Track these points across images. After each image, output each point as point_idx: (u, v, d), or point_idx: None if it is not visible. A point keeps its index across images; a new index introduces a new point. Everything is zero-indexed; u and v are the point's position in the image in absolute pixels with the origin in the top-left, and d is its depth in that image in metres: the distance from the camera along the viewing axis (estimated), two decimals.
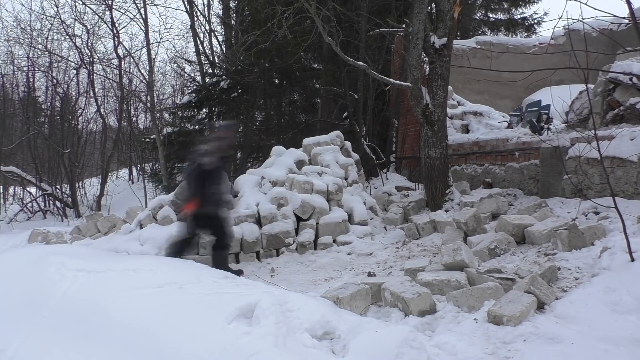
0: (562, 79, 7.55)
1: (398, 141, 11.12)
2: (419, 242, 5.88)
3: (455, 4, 6.89)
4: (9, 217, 13.04)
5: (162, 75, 20.55)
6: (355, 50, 10.38)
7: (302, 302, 3.03)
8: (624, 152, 4.98)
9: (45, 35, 14.81)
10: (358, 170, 7.78)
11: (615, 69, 6.51)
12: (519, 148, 6.79)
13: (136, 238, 6.47)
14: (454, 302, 3.41)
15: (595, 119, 6.20)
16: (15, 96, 16.75)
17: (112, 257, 4.27)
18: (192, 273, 3.50)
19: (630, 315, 2.87)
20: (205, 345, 2.51)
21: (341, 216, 6.47)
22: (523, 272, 3.71)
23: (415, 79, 6.83)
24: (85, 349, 2.66)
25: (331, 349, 2.72)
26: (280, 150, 7.64)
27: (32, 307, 3.12)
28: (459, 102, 9.87)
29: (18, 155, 15.95)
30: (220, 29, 15.02)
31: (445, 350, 2.79)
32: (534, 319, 3.00)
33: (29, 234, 8.20)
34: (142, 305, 2.95)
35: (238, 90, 11.64)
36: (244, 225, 6.13)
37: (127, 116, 16.79)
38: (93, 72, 14.83)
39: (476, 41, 11.50)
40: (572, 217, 4.95)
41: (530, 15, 16.58)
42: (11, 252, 5.00)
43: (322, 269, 5.43)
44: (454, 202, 6.81)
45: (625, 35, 7.98)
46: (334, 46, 7.41)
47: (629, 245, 3.38)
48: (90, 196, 15.43)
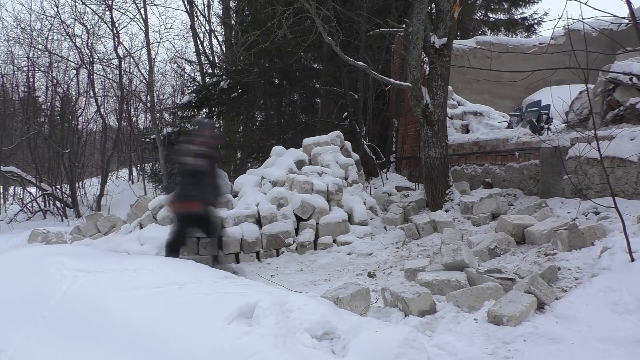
0: (562, 79, 7.54)
1: (398, 141, 11.12)
2: (419, 242, 5.88)
3: (455, 4, 6.89)
4: (9, 217, 13.04)
5: (162, 75, 20.57)
6: (355, 50, 10.37)
7: (302, 302, 3.03)
8: (624, 152, 4.98)
9: (45, 35, 14.82)
10: (358, 170, 7.78)
11: (615, 69, 6.51)
12: (519, 148, 6.79)
13: (136, 238, 6.47)
14: (454, 302, 3.41)
15: (595, 119, 6.21)
16: (15, 96, 16.75)
17: (112, 257, 4.27)
18: (192, 273, 3.50)
19: (630, 315, 2.87)
20: (205, 345, 2.51)
21: (341, 216, 6.47)
22: (523, 272, 3.72)
23: (415, 79, 6.83)
24: (85, 349, 2.66)
25: (331, 349, 2.72)
26: (280, 150, 7.64)
27: (32, 307, 3.12)
28: (459, 102, 9.87)
29: (18, 155, 15.95)
30: (220, 29, 15.02)
31: (445, 350, 2.79)
32: (534, 319, 3.00)
33: (29, 234, 8.20)
34: (142, 305, 2.95)
35: (238, 90, 11.63)
36: (244, 225, 6.13)
37: (127, 116, 16.81)
38: (93, 72, 14.84)
39: (476, 41, 11.50)
40: (572, 217, 4.95)
41: (530, 15, 16.60)
42: (11, 252, 4.99)
43: (322, 269, 5.42)
44: (454, 202, 6.81)
45: (625, 35, 7.98)
46: (334, 46, 7.41)
47: (629, 245, 3.38)
48: (90, 196, 15.43)
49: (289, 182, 6.75)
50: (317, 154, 7.41)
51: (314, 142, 7.68)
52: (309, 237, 6.19)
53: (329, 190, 6.66)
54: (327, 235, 6.28)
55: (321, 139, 7.74)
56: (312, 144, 7.66)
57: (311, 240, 6.19)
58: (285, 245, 6.09)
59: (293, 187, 6.63)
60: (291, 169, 7.07)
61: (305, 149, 7.65)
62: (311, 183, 6.59)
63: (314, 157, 7.41)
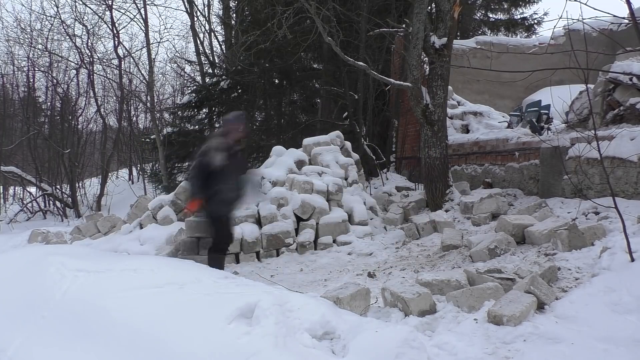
0: (562, 79, 7.55)
1: (398, 141, 11.11)
2: (419, 242, 5.88)
3: (455, 4, 6.89)
4: (9, 217, 13.05)
5: (162, 75, 20.58)
6: (355, 50, 10.37)
7: (302, 302, 3.02)
8: (624, 152, 4.98)
9: (45, 35, 14.83)
10: (358, 170, 7.78)
11: (615, 69, 6.51)
12: (519, 148, 6.79)
13: (136, 238, 6.47)
14: (454, 302, 3.41)
15: (595, 119, 6.20)
16: (15, 96, 16.76)
17: (112, 257, 4.26)
18: (192, 273, 3.49)
19: (630, 315, 2.87)
20: (205, 345, 2.51)
21: (341, 216, 6.47)
22: (523, 272, 3.71)
23: (415, 79, 6.83)
24: (85, 349, 2.66)
25: (331, 349, 2.72)
26: (280, 150, 7.64)
27: (32, 307, 3.11)
28: (459, 102, 9.86)
29: (18, 155, 15.96)
30: (220, 29, 15.03)
31: (445, 350, 2.79)
32: (534, 319, 3.00)
33: (29, 234, 8.21)
34: (142, 305, 2.94)
35: (238, 91, 11.64)
36: (244, 225, 6.13)
37: (127, 116, 16.82)
38: (93, 72, 14.86)
39: (476, 41, 11.50)
40: (572, 217, 4.94)
41: (530, 15, 16.59)
42: (11, 252, 4.99)
43: (322, 269, 5.42)
44: (454, 202, 6.81)
45: (625, 35, 7.98)
46: (334, 46, 7.40)
47: (629, 245, 3.38)
48: (90, 196, 15.44)
49: (289, 182, 6.75)
50: (317, 154, 7.41)
51: (314, 142, 7.68)
52: (309, 237, 6.19)
53: (329, 190, 6.66)
54: (327, 235, 6.28)
55: (321, 139, 7.74)
56: (312, 144, 7.66)
57: (311, 240, 6.19)
58: (285, 245, 6.09)
59: (293, 187, 6.63)
60: (291, 169, 7.07)
61: (305, 149, 7.65)
62: (311, 183, 6.59)
63: (314, 157, 7.41)
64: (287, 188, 6.66)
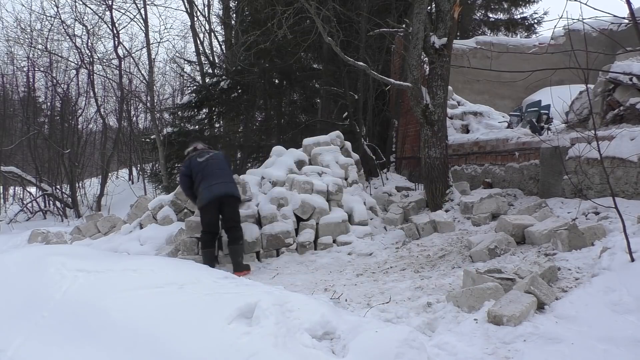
0: (562, 79, 7.55)
1: (398, 141, 11.11)
2: (419, 242, 5.88)
3: (455, 4, 6.89)
4: (9, 217, 13.06)
5: (162, 76, 20.59)
6: (355, 50, 10.37)
7: (302, 302, 3.03)
8: (624, 152, 4.98)
9: (45, 35, 14.85)
10: (358, 171, 7.77)
11: (615, 69, 6.51)
12: (519, 148, 6.79)
13: (136, 238, 6.47)
14: (454, 302, 3.41)
15: (595, 119, 6.20)
16: (15, 96, 16.77)
17: (112, 257, 4.26)
18: (192, 273, 3.49)
19: (630, 315, 2.86)
20: (205, 346, 2.51)
21: (341, 216, 6.47)
22: (523, 272, 3.71)
23: (415, 79, 6.83)
24: (85, 349, 2.66)
25: (331, 349, 2.72)
26: (280, 150, 7.64)
27: (32, 307, 3.11)
28: (459, 102, 9.86)
29: (18, 155, 15.98)
30: (220, 29, 15.04)
31: (445, 350, 2.79)
32: (534, 319, 3.00)
33: (29, 234, 8.21)
34: (142, 305, 2.95)
35: (238, 91, 11.64)
36: (244, 225, 6.12)
37: (127, 116, 16.82)
38: (93, 72, 14.86)
39: (476, 41, 11.50)
40: (572, 217, 4.94)
41: (530, 15, 16.64)
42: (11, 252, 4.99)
43: (322, 269, 5.42)
44: (454, 203, 6.81)
45: (625, 35, 7.99)
46: (334, 46, 7.40)
47: (629, 245, 3.38)
48: (90, 196, 15.45)
49: (289, 182, 6.75)
50: (317, 154, 7.41)
51: (314, 142, 7.68)
52: (309, 237, 6.19)
53: (329, 191, 6.65)
54: (327, 236, 6.27)
55: (321, 139, 7.74)
56: (312, 144, 7.66)
57: (311, 241, 6.19)
58: (285, 245, 6.09)
59: (293, 187, 6.63)
60: (291, 169, 7.07)
61: (305, 149, 7.65)
62: (311, 183, 6.59)
63: (314, 157, 7.40)
64: (287, 188, 6.66)
